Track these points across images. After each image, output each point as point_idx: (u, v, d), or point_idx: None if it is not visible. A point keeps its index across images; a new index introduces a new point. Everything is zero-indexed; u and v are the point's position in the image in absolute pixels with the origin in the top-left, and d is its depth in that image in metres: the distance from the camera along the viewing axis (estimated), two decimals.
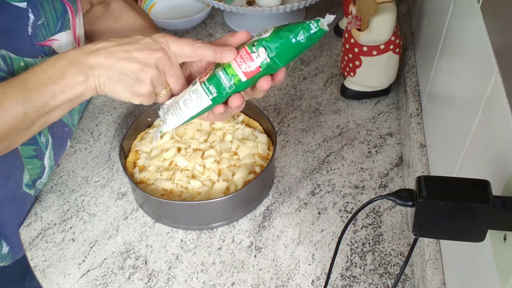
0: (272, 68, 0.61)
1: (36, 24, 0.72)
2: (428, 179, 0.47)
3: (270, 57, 0.59)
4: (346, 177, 0.92)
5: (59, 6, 0.75)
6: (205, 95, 0.62)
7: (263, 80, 0.62)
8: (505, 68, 0.50)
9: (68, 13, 0.78)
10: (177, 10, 1.32)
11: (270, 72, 0.61)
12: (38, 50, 0.74)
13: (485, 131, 0.55)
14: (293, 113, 1.05)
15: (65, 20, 0.77)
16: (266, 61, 0.60)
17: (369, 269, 0.78)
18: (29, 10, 0.71)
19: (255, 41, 0.60)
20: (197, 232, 0.85)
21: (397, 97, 1.07)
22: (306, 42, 0.59)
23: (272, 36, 0.59)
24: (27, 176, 0.83)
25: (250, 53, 0.60)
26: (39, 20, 0.72)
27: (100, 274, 0.80)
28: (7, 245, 0.85)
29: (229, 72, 0.61)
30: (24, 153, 0.81)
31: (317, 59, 1.18)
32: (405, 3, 1.21)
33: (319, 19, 0.58)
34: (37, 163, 0.84)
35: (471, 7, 0.64)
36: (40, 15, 0.72)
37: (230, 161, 0.89)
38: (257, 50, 0.59)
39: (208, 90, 0.62)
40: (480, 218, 0.46)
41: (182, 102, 0.64)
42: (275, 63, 0.60)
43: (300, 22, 0.59)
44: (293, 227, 0.85)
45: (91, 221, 0.88)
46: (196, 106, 0.63)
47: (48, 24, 0.74)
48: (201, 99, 0.62)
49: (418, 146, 0.84)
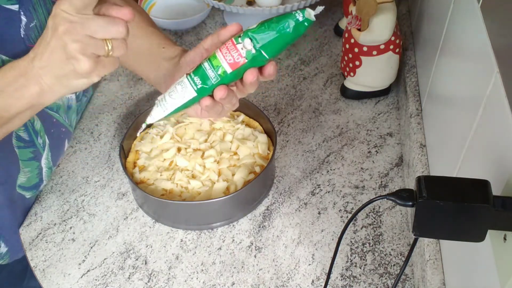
0: (259, 60, 0.60)
1: (28, 26, 0.72)
2: (428, 179, 0.47)
3: (256, 48, 0.58)
4: (346, 177, 0.92)
5: (51, 8, 0.74)
6: (190, 87, 0.61)
7: (249, 72, 0.61)
8: (505, 68, 0.50)
9: None
10: (177, 10, 1.32)
11: (257, 65, 0.61)
12: None
13: (485, 131, 0.55)
14: (293, 113, 1.05)
15: None
16: (252, 52, 0.59)
17: (369, 269, 0.78)
18: (21, 12, 0.70)
19: (241, 33, 0.59)
20: (197, 232, 0.85)
21: (397, 97, 1.07)
22: (293, 33, 0.58)
23: (258, 27, 0.58)
24: (22, 178, 0.83)
25: (236, 44, 0.59)
26: (32, 22, 0.72)
27: (100, 274, 0.80)
28: (5, 246, 0.85)
29: (214, 64, 0.60)
30: (22, 156, 0.80)
31: (317, 59, 1.18)
32: (405, 3, 1.21)
33: (305, 9, 0.57)
34: (35, 164, 0.84)
35: (471, 7, 0.64)
36: (33, 17, 0.72)
37: (230, 161, 0.89)
38: (243, 41, 0.58)
39: (193, 81, 0.61)
40: (480, 218, 0.46)
41: (168, 94, 0.63)
42: (261, 55, 0.59)
43: (287, 13, 0.58)
44: (293, 227, 0.85)
45: (91, 221, 0.88)
46: (181, 97, 0.62)
47: (41, 26, 0.73)
48: (186, 90, 0.62)
49: (418, 146, 0.84)
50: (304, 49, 1.21)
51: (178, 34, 1.28)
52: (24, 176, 0.83)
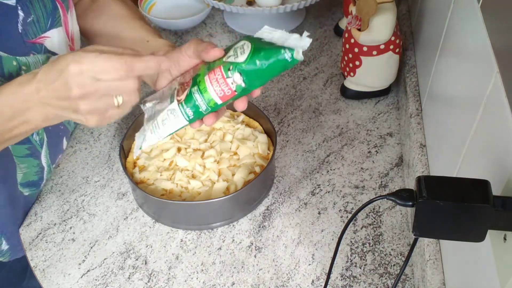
0: (247, 90, 0.62)
1: (26, 22, 0.71)
2: (428, 179, 0.48)
3: (245, 82, 0.61)
4: (346, 177, 0.92)
5: (49, 3, 0.75)
6: (182, 116, 0.64)
7: (240, 102, 0.64)
8: (505, 68, 0.50)
9: (59, 10, 0.77)
10: (177, 10, 1.32)
11: (246, 93, 0.63)
12: (30, 48, 0.73)
13: (485, 131, 0.55)
14: (293, 113, 1.05)
15: (56, 17, 0.77)
16: (242, 86, 0.61)
17: (369, 269, 0.78)
18: (19, 7, 0.70)
19: (231, 65, 0.61)
20: (197, 232, 0.85)
21: (397, 97, 1.07)
22: (281, 69, 0.61)
23: (247, 60, 0.60)
24: (20, 175, 0.83)
25: (226, 78, 0.61)
26: (29, 17, 0.72)
27: (100, 274, 0.80)
28: (7, 244, 0.85)
29: (205, 97, 0.62)
30: (16, 153, 0.80)
31: (317, 59, 1.18)
32: (405, 3, 1.21)
33: (293, 48, 0.59)
34: (33, 162, 0.84)
35: (471, 7, 0.64)
36: (30, 12, 0.72)
37: (230, 161, 0.89)
38: (233, 75, 0.61)
39: (185, 112, 0.63)
40: (480, 218, 0.46)
41: (161, 121, 0.65)
42: (250, 87, 0.62)
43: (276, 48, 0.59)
44: (293, 227, 0.85)
45: (91, 221, 0.88)
46: (173, 125, 0.65)
47: (39, 21, 0.73)
48: (178, 119, 0.64)
49: (418, 146, 0.84)
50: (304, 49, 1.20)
51: (178, 34, 1.28)
52: (20, 172, 0.83)
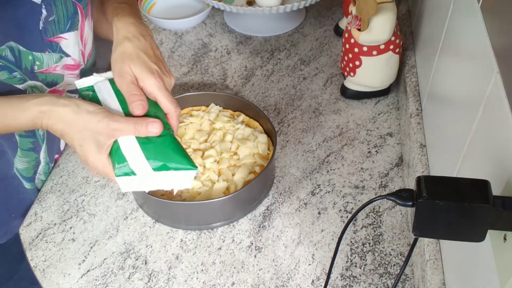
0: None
1: (47, 20, 0.75)
2: (428, 179, 0.47)
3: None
4: (346, 177, 0.92)
5: (70, 6, 0.79)
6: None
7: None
8: (505, 68, 0.50)
9: (78, 14, 0.81)
10: (177, 10, 1.32)
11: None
12: (46, 45, 0.77)
13: (485, 131, 0.55)
14: (293, 113, 1.05)
15: (75, 21, 0.80)
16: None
17: (369, 269, 0.78)
18: (43, 5, 0.74)
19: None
20: (197, 232, 0.85)
21: (397, 97, 1.07)
22: None
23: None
24: (20, 165, 0.85)
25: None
26: (51, 16, 0.75)
27: (100, 274, 0.80)
28: None
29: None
30: (22, 146, 0.83)
31: (317, 59, 1.18)
32: (405, 3, 1.21)
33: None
34: (33, 156, 0.86)
35: (471, 7, 0.64)
36: (52, 12, 0.75)
37: (230, 161, 0.89)
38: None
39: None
40: (480, 218, 0.46)
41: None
42: None
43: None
44: (293, 227, 0.85)
45: (91, 221, 0.88)
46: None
47: (59, 21, 0.77)
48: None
49: (418, 146, 0.84)
50: (304, 49, 1.21)
51: (178, 34, 1.28)
52: (21, 164, 0.85)
